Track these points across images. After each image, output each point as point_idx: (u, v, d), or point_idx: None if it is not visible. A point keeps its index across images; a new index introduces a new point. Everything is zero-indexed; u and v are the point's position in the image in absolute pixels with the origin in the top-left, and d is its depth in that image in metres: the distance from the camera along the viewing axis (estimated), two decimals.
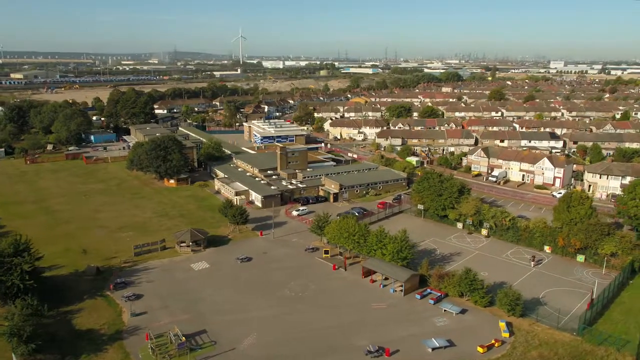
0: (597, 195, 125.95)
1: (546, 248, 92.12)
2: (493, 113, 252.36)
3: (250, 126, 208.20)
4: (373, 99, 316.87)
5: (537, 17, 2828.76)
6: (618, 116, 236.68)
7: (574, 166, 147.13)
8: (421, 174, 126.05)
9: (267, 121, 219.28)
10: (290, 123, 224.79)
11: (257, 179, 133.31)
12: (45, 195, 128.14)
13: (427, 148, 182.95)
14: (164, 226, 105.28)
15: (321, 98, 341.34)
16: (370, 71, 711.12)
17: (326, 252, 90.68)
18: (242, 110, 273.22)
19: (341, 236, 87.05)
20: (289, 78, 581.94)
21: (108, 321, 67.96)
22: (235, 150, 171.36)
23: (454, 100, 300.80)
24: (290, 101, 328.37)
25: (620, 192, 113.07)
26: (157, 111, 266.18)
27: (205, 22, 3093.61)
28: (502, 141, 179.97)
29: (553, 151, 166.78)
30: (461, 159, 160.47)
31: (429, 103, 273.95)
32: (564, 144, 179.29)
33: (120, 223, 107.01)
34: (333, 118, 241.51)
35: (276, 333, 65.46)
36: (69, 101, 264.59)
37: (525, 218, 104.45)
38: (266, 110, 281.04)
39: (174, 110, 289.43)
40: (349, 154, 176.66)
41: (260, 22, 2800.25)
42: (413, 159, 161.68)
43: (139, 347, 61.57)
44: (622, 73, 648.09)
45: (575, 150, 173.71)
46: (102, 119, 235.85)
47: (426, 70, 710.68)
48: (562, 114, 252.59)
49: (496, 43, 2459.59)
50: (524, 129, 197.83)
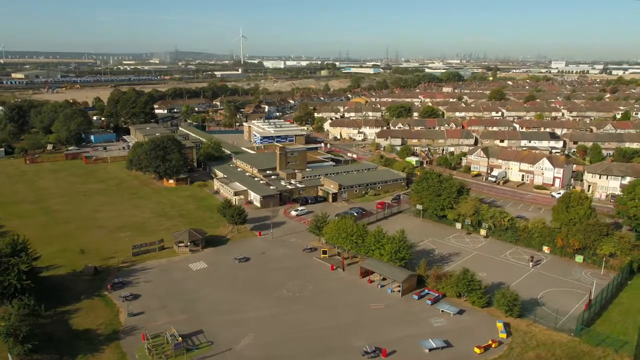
0: (597, 195, 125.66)
1: (545, 248, 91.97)
2: (493, 113, 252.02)
3: (250, 126, 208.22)
4: (373, 99, 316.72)
5: (539, 17, 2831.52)
6: (619, 116, 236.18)
7: (574, 166, 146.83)
8: (420, 174, 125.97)
9: (267, 121, 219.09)
10: (290, 123, 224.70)
11: (256, 179, 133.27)
12: (44, 195, 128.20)
13: (427, 148, 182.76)
14: (163, 226, 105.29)
15: (322, 98, 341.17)
16: (371, 71, 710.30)
17: (324, 253, 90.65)
18: (242, 110, 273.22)
19: (339, 236, 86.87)
20: (290, 78, 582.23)
21: (105, 321, 67.95)
22: (234, 150, 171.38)
23: (455, 100, 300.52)
24: (290, 101, 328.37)
25: (620, 193, 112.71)
26: (158, 111, 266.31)
27: (205, 22, 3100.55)
28: (502, 141, 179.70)
29: (553, 151, 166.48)
30: (461, 159, 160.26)
31: (429, 103, 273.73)
32: (564, 144, 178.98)
33: (119, 223, 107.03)
34: (333, 118, 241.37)
35: (273, 333, 65.42)
36: (70, 101, 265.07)
37: (524, 218, 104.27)
38: (266, 110, 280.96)
39: (174, 110, 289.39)
40: (349, 154, 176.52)
41: (260, 22, 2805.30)
42: (412, 159, 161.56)
43: (136, 348, 61.57)
44: (624, 73, 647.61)
45: (575, 150, 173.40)
46: (102, 119, 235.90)
47: (427, 70, 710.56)
48: (563, 114, 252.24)
49: (497, 43, 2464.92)
50: (524, 129, 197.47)
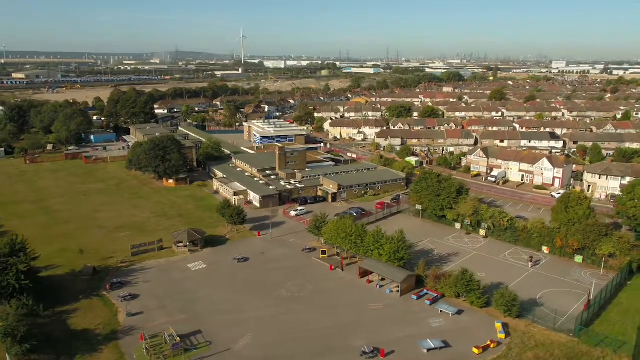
0: (597, 195, 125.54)
1: (544, 249, 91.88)
2: (493, 113, 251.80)
3: (250, 126, 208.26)
4: (374, 99, 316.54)
5: (539, 17, 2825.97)
6: (619, 116, 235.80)
7: (574, 166, 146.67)
8: (420, 174, 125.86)
9: (267, 121, 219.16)
10: (290, 123, 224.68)
11: (256, 179, 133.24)
12: (44, 195, 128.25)
13: (427, 148, 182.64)
14: (162, 226, 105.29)
15: (322, 98, 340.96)
16: (371, 71, 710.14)
17: (323, 253, 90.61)
18: (242, 110, 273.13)
19: (338, 236, 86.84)
20: (291, 78, 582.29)
21: (104, 321, 67.95)
22: (234, 150, 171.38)
23: (455, 100, 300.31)
24: (290, 101, 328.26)
25: (619, 193, 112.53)
26: (158, 111, 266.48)
27: (205, 22, 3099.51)
28: (502, 141, 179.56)
29: (553, 151, 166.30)
30: (460, 159, 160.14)
31: (430, 103, 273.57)
32: (564, 144, 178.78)
33: (118, 223, 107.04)
34: (333, 118, 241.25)
35: (273, 333, 65.40)
36: (70, 101, 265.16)
37: (523, 218, 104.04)
38: (266, 110, 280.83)
39: (175, 110, 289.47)
40: (348, 154, 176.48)
41: (260, 22, 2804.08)
42: (412, 159, 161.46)
43: (134, 348, 61.57)
44: (624, 73, 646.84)
45: (575, 150, 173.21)
46: (103, 119, 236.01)
47: (428, 70, 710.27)
48: (563, 114, 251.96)
49: (498, 43, 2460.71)
50: (524, 129, 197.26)
